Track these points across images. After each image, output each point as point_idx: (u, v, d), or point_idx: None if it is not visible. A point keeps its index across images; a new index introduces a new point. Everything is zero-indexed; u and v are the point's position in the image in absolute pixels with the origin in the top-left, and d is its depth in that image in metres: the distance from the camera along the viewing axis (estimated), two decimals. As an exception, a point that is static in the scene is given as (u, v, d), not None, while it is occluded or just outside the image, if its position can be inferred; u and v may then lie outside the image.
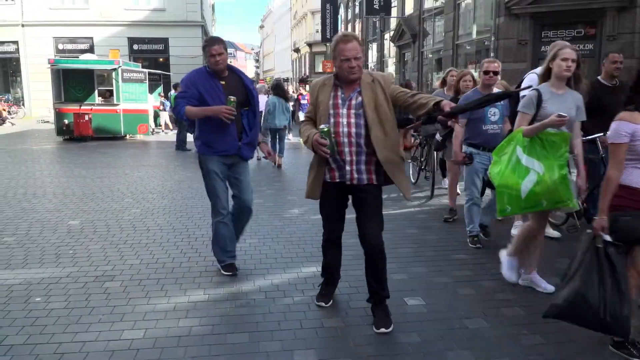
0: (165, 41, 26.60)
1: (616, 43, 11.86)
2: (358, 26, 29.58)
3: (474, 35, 16.63)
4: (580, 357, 2.96)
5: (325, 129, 3.10)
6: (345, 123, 3.20)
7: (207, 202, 7.56)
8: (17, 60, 26.32)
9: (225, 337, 3.18)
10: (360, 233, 3.33)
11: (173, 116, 17.61)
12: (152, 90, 18.37)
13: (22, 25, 25.55)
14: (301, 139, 3.41)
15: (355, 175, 3.25)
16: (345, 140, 3.19)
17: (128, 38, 26.14)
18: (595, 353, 3.00)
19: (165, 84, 21.32)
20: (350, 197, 3.40)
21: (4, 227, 5.73)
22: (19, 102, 26.45)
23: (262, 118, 10.74)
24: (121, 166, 10.62)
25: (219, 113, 3.81)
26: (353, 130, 3.19)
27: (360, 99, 3.19)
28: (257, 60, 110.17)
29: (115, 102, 15.98)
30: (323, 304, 3.63)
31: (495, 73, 4.83)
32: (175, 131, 14.27)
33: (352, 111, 3.20)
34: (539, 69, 4.48)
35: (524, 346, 3.07)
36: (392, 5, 22.76)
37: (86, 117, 15.46)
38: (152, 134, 17.52)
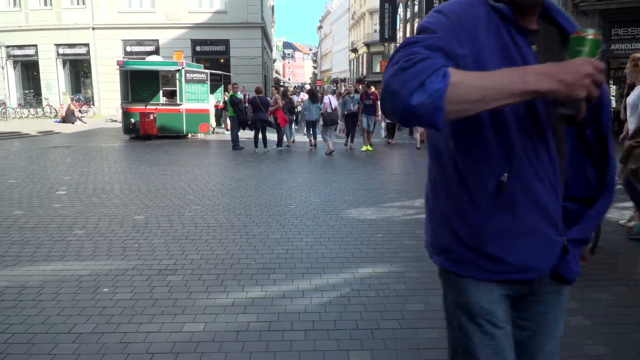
0: (226, 42, 27.32)
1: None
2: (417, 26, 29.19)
3: (539, 33, 16.09)
4: (653, 373, 2.80)
5: None
6: None
7: (266, 200, 7.63)
8: (88, 61, 27.84)
9: (282, 334, 3.22)
10: None
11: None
12: (213, 90, 18.86)
13: (93, 29, 26.98)
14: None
15: None
16: None
17: (191, 40, 27.05)
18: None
19: (225, 84, 21.85)
20: None
21: (74, 220, 6.05)
22: (89, 101, 27.95)
23: (300, 114, 13.12)
24: (183, 164, 10.97)
25: (578, 85, 1.10)
26: None
27: None
28: (314, 61, 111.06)
29: (178, 102, 16.55)
30: None
31: None
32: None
33: None
34: None
35: (588, 357, 2.93)
36: (453, 3, 22.33)
37: (151, 117, 16.12)
38: (213, 133, 17.97)
